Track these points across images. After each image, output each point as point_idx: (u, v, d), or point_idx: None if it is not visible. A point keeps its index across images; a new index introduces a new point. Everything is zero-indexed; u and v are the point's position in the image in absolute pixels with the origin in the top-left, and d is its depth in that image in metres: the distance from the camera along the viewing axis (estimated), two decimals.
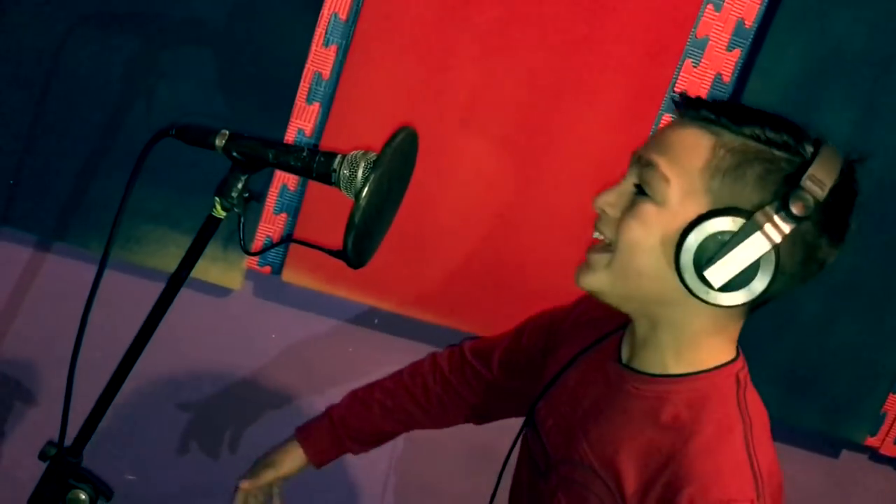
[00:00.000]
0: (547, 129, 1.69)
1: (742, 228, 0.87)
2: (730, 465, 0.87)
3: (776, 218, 0.86)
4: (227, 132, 0.99)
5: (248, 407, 1.87)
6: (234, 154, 0.99)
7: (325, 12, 1.58)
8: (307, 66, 1.61)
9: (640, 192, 0.95)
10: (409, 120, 1.62)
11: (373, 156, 0.95)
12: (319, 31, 1.59)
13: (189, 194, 1.60)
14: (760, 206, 0.88)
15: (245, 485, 1.36)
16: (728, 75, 1.73)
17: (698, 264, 0.88)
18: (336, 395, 1.92)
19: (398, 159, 0.97)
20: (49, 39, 1.51)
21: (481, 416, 1.42)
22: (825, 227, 0.91)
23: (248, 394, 1.86)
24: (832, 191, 0.88)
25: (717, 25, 1.70)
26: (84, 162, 1.59)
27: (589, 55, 1.65)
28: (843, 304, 1.90)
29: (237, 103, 1.60)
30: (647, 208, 0.93)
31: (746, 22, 1.71)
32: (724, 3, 1.68)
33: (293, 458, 1.38)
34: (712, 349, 0.97)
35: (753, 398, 0.97)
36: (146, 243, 1.64)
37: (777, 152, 0.90)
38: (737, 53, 1.73)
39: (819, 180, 0.87)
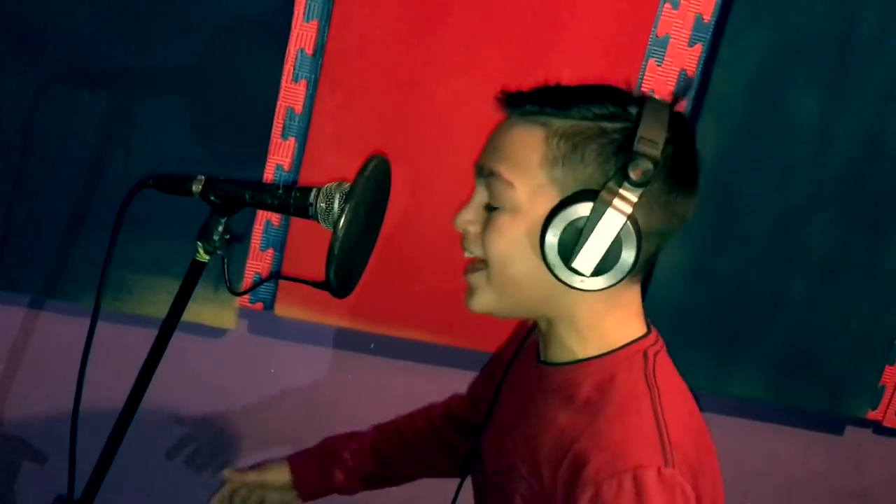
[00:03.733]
0: None
1: (593, 210, 0.86)
2: (636, 433, 0.86)
3: (622, 190, 0.85)
4: (203, 177, 1.02)
5: (254, 445, 1.88)
6: (212, 198, 1.01)
7: (292, 49, 1.61)
8: (279, 102, 1.63)
9: (491, 205, 0.96)
10: (385, 144, 1.65)
11: (347, 186, 0.97)
12: (288, 67, 1.62)
13: (176, 239, 1.62)
14: (604, 184, 0.87)
15: (229, 474, 1.38)
16: (692, 70, 1.77)
17: (564, 257, 0.88)
18: (339, 423, 1.93)
19: (372, 187, 0.99)
20: (20, 101, 1.53)
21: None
22: (673, 181, 0.91)
23: (252, 432, 1.87)
24: (667, 144, 0.88)
25: (677, 23, 1.73)
26: (67, 219, 1.61)
27: (552, 64, 1.68)
28: (828, 282, 1.92)
29: (214, 146, 1.62)
30: (503, 219, 0.93)
31: (705, 16, 1.74)
32: (681, 1, 1.71)
33: (278, 471, 1.39)
34: (615, 328, 0.97)
35: (666, 371, 0.96)
36: (137, 292, 1.66)
37: (606, 124, 0.90)
38: (699, 48, 1.76)
39: (650, 140, 0.86)
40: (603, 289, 0.90)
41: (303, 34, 1.61)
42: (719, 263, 1.88)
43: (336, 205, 0.97)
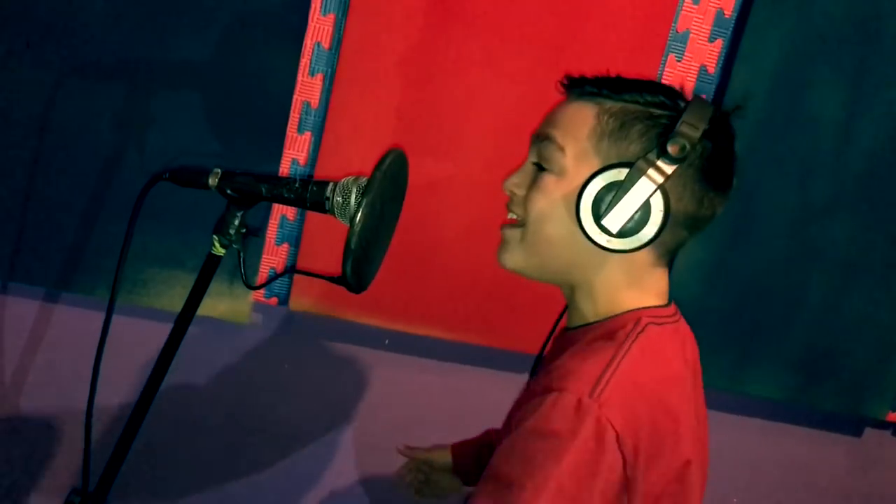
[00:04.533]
0: None
1: (628, 176, 0.95)
2: (582, 368, 0.93)
3: (658, 162, 0.94)
4: (220, 171, 1.01)
5: (270, 439, 1.88)
6: (228, 191, 1.01)
7: (308, 42, 1.61)
8: (295, 96, 1.63)
9: (540, 168, 1.02)
10: (401, 138, 1.64)
11: (364, 180, 0.96)
12: (304, 61, 1.61)
13: (192, 234, 1.62)
14: (643, 156, 0.96)
15: (402, 448, 1.50)
16: (713, 66, 1.75)
17: (596, 215, 0.96)
18: (353, 418, 1.93)
19: (389, 181, 0.98)
20: (38, 95, 1.54)
21: None
22: (708, 173, 0.98)
23: (267, 426, 1.87)
24: (707, 135, 0.96)
25: (697, 18, 1.71)
26: (84, 212, 1.61)
27: (571, 61, 1.67)
28: (848, 281, 1.90)
29: (230, 140, 1.62)
30: (548, 179, 1.00)
31: (726, 12, 1.72)
32: None
33: (442, 453, 1.49)
34: (629, 300, 1.03)
35: (652, 341, 0.99)
36: (153, 285, 1.66)
37: (655, 110, 0.98)
38: (719, 44, 1.74)
39: (691, 125, 0.94)
40: (624, 251, 0.97)
41: (319, 28, 1.60)
42: (738, 262, 1.86)
43: (353, 199, 0.96)
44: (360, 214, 0.93)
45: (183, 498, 1.87)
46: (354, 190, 0.96)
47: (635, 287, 1.03)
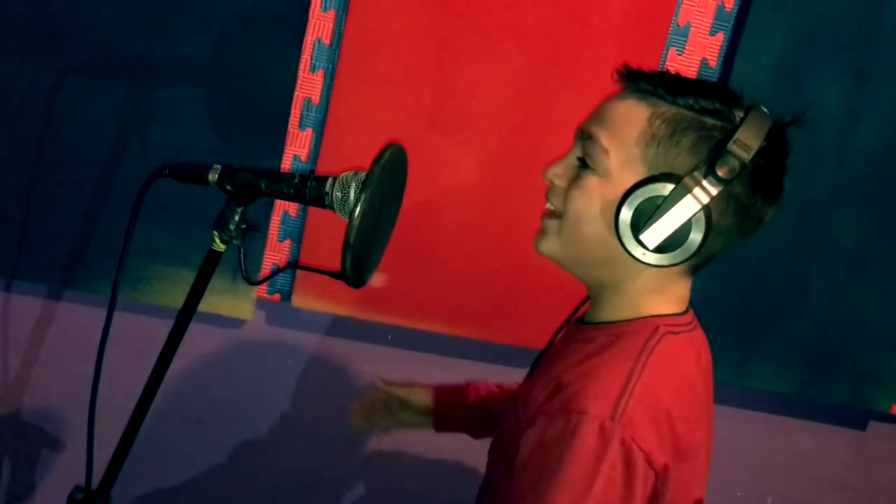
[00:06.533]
0: (540, 130, 1.70)
1: (673, 192, 0.92)
2: (601, 385, 0.91)
3: (704, 182, 0.92)
4: (220, 167, 1.01)
5: (272, 436, 1.89)
6: (228, 187, 1.01)
7: (309, 38, 1.61)
8: (296, 92, 1.63)
9: (584, 164, 1.00)
10: (402, 134, 1.64)
11: (363, 175, 0.96)
12: (305, 57, 1.61)
13: (194, 230, 1.62)
14: (691, 172, 0.93)
15: (380, 383, 1.45)
16: (714, 60, 1.74)
17: (635, 228, 0.94)
18: None
19: (387, 176, 0.98)
20: (38, 91, 1.54)
21: None
22: (757, 187, 0.96)
23: (270, 423, 1.88)
24: (760, 153, 0.93)
25: (698, 11, 1.71)
26: (85, 209, 1.61)
27: (573, 54, 1.66)
28: (852, 274, 1.89)
29: (232, 137, 1.62)
30: (590, 180, 0.98)
31: (727, 5, 1.72)
32: None
33: (423, 393, 1.44)
34: (652, 305, 1.01)
35: (671, 351, 0.98)
36: (156, 282, 1.66)
37: (709, 120, 0.94)
38: (720, 37, 1.73)
39: (745, 144, 0.91)
40: (658, 266, 0.96)
41: (320, 24, 1.60)
42: (741, 256, 1.85)
43: (352, 194, 0.96)
44: (358, 209, 0.93)
45: (185, 495, 1.88)
46: (353, 185, 0.96)
47: (660, 293, 1.02)
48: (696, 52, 1.73)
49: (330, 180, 0.98)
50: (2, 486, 1.79)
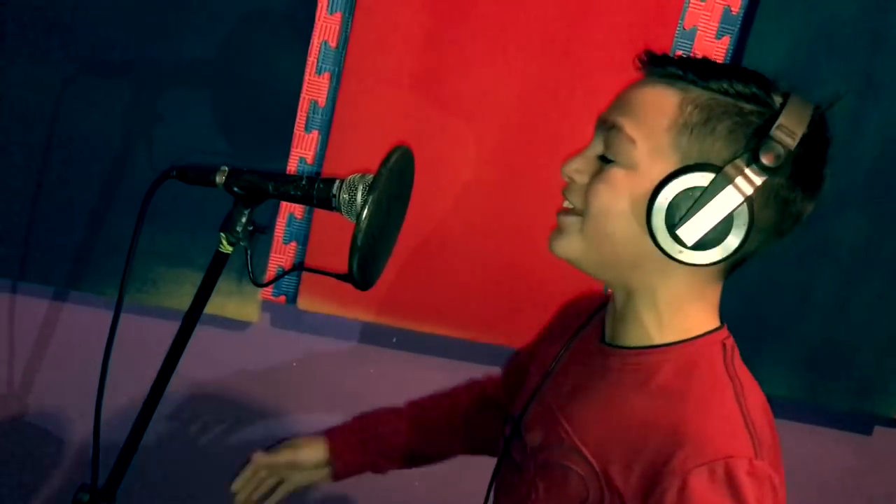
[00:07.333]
0: (547, 133, 1.70)
1: (713, 183, 0.85)
2: (724, 423, 0.84)
3: (747, 171, 0.84)
4: (227, 168, 1.01)
5: (277, 437, 1.88)
6: (235, 189, 1.01)
7: (315, 41, 1.61)
8: (302, 95, 1.63)
9: (605, 159, 0.93)
10: (409, 137, 1.64)
11: (370, 178, 0.96)
12: (311, 59, 1.62)
13: (200, 232, 1.62)
14: (731, 161, 0.85)
15: (258, 455, 1.30)
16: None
17: (670, 223, 0.86)
18: None
19: (395, 178, 0.98)
20: (46, 93, 1.54)
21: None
22: (798, 178, 0.89)
23: (275, 425, 1.88)
24: (803, 140, 0.86)
25: (704, 15, 1.71)
26: (92, 211, 1.62)
27: (580, 56, 1.66)
28: (857, 278, 1.89)
29: (238, 139, 1.63)
30: (615, 172, 0.90)
31: (733, 9, 1.72)
32: None
33: (314, 448, 1.33)
34: (696, 317, 0.95)
35: (742, 366, 0.94)
36: (162, 284, 1.67)
37: (746, 105, 0.88)
38: (726, 41, 1.73)
39: (789, 130, 0.84)
40: (696, 265, 0.87)
41: (326, 26, 1.61)
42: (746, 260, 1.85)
43: (359, 196, 0.96)
44: (366, 211, 0.93)
45: (190, 496, 1.88)
46: (361, 187, 0.96)
47: (699, 300, 0.95)
48: (703, 55, 1.73)
49: (337, 182, 0.98)
50: (7, 486, 1.79)
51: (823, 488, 2.16)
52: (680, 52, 1.02)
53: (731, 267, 0.95)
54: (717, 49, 1.73)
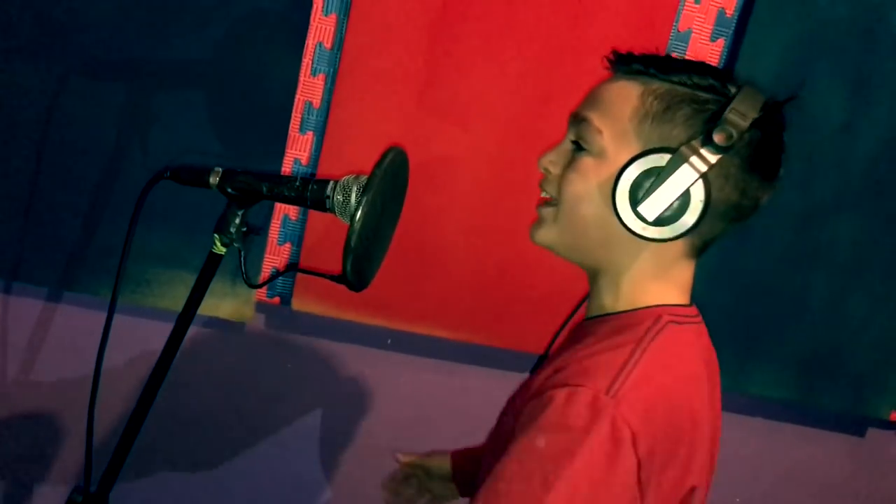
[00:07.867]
0: (541, 134, 1.70)
1: (670, 162, 0.92)
2: (599, 364, 0.90)
3: (702, 150, 0.91)
4: (221, 170, 1.01)
5: (272, 439, 1.89)
6: (229, 190, 1.01)
7: (310, 42, 1.61)
8: (297, 96, 1.63)
9: (578, 147, 1.00)
10: (403, 139, 1.64)
11: (364, 179, 0.97)
12: (306, 61, 1.62)
13: (195, 233, 1.62)
14: (687, 142, 0.92)
15: (401, 456, 1.45)
16: (714, 65, 1.74)
17: (633, 201, 0.93)
18: (355, 418, 1.93)
19: (389, 180, 0.98)
20: (39, 94, 1.54)
21: None
22: (754, 163, 0.94)
23: (269, 425, 1.88)
24: (756, 124, 0.92)
25: (699, 17, 1.71)
26: (87, 212, 1.61)
27: (574, 59, 1.67)
28: (851, 280, 1.89)
29: (232, 140, 1.62)
30: (585, 161, 0.98)
31: (727, 11, 1.72)
32: None
33: (441, 460, 1.44)
34: (654, 292, 1.00)
35: (672, 341, 0.96)
36: (156, 285, 1.66)
37: (703, 94, 0.94)
38: (721, 43, 1.74)
39: (741, 113, 0.90)
40: (658, 240, 0.94)
41: (321, 28, 1.61)
42: (741, 261, 1.86)
43: (353, 197, 0.96)
44: (360, 212, 0.93)
45: (184, 497, 1.87)
46: (355, 188, 0.96)
47: (661, 279, 1.00)
48: (697, 57, 1.73)
49: (331, 184, 0.98)
50: (1, 487, 1.79)
51: (817, 489, 2.16)
52: (675, 54, 1.04)
53: (699, 249, 1.01)
54: (711, 51, 1.73)
